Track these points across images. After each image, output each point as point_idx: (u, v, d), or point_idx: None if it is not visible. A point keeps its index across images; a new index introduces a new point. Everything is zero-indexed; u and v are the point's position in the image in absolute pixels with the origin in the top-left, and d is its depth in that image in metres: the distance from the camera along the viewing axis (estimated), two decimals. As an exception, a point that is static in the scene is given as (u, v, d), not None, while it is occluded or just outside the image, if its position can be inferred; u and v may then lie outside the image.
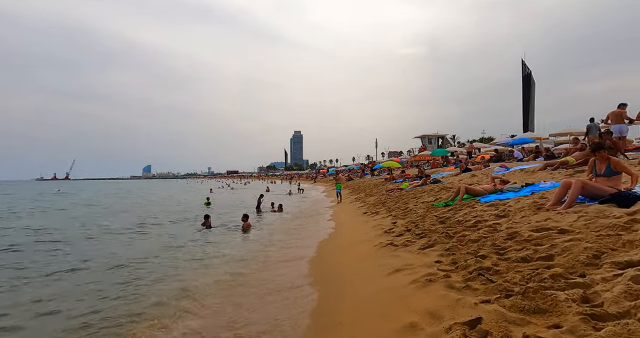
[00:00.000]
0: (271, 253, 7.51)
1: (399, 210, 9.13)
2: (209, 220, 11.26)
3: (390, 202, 11.39)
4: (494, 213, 5.64)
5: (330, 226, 10.23)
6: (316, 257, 6.60)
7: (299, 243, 8.28)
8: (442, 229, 5.56)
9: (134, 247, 8.87)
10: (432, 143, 44.43)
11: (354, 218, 10.46)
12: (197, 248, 8.42)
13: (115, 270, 6.46)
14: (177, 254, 7.74)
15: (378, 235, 6.70)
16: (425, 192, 11.31)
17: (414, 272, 3.96)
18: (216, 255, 7.50)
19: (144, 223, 13.12)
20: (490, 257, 3.67)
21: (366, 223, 8.83)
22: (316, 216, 13.66)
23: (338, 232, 8.90)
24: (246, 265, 6.58)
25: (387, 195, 13.92)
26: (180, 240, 9.42)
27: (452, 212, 6.81)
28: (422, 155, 38.40)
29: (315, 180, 61.61)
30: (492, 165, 15.58)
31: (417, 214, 7.67)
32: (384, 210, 10.00)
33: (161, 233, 10.82)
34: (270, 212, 16.04)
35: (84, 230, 11.60)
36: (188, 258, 7.34)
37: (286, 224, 12.16)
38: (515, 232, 4.28)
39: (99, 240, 9.86)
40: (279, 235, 9.68)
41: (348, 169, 60.68)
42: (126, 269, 6.50)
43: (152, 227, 12.14)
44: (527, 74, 78.53)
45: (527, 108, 76.70)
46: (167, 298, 4.84)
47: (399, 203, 10.33)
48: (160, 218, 14.59)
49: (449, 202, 7.94)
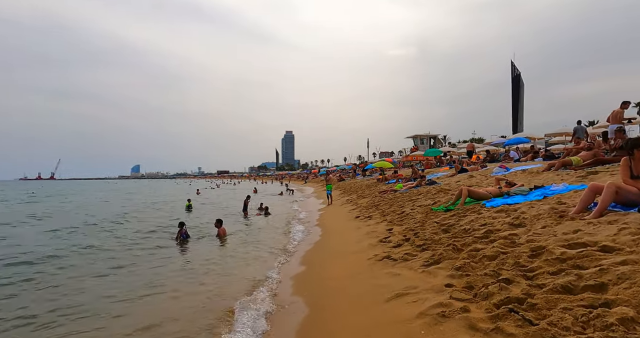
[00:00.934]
0: (237, 267, 6.52)
1: (394, 215, 8.35)
2: (183, 229, 9.94)
3: (384, 204, 10.61)
4: (506, 221, 4.88)
5: (317, 232, 9.39)
6: (298, 272, 5.76)
7: (279, 253, 7.43)
8: (447, 240, 4.78)
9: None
10: (424, 143, 43.97)
11: (344, 223, 9.65)
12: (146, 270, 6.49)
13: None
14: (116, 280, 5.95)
15: (372, 245, 5.89)
16: (422, 194, 10.57)
17: (421, 300, 3.16)
18: (163, 283, 5.62)
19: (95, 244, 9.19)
20: (517, 282, 2.89)
21: (358, 229, 8.02)
22: (303, 220, 12.80)
23: (326, 240, 8.07)
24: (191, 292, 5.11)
25: (381, 197, 13.15)
26: (127, 260, 7.38)
27: (455, 218, 6.05)
28: (414, 155, 37.87)
29: (306, 181, 60.73)
30: (489, 165, 14.94)
31: (415, 220, 6.90)
32: (378, 214, 9.21)
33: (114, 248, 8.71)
34: (256, 215, 15.15)
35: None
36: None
37: (269, 229, 11.25)
38: (540, 246, 3.51)
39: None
40: (255, 244, 8.66)
41: (339, 169, 59.94)
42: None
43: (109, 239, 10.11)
44: (516, 75, 79.05)
45: (517, 109, 77.20)
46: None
47: (394, 207, 9.55)
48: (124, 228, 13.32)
49: (449, 206, 7.19)
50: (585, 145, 10.83)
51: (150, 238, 9.85)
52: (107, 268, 6.64)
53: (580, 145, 11.12)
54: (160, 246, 8.75)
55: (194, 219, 14.04)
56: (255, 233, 10.46)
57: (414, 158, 37.96)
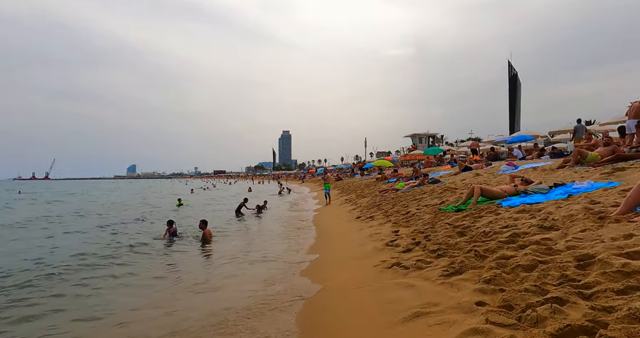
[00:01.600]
0: (210, 285, 5.35)
1: (398, 215, 7.73)
2: (172, 227, 9.35)
3: (387, 204, 9.99)
4: (533, 222, 4.27)
5: (314, 235, 8.70)
6: (292, 282, 5.12)
7: (268, 258, 6.78)
8: (465, 244, 4.16)
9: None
10: (423, 142, 43.44)
11: (345, 224, 9.02)
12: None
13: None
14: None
15: (377, 249, 5.27)
16: (426, 193, 9.96)
17: (447, 322, 2.53)
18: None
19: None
20: (572, 303, 2.27)
21: (360, 231, 7.40)
22: (299, 220, 12.13)
23: (325, 243, 7.41)
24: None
25: (382, 196, 12.54)
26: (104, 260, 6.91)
27: (469, 219, 5.43)
28: (413, 154, 37.31)
29: (303, 181, 60.07)
30: (494, 164, 14.37)
31: (423, 221, 6.28)
32: (381, 215, 8.60)
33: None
34: (252, 213, 14.51)
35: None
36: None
37: (261, 231, 10.56)
38: (587, 255, 2.90)
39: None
40: (242, 248, 7.90)
41: (337, 168, 59.31)
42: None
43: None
44: (513, 75, 78.78)
45: (514, 108, 76.96)
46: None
47: (397, 206, 8.94)
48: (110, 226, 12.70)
49: (460, 205, 6.58)
50: (597, 141, 10.28)
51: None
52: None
53: (592, 141, 10.57)
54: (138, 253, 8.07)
55: (184, 219, 13.35)
56: (245, 236, 9.76)
57: (412, 157, 37.42)
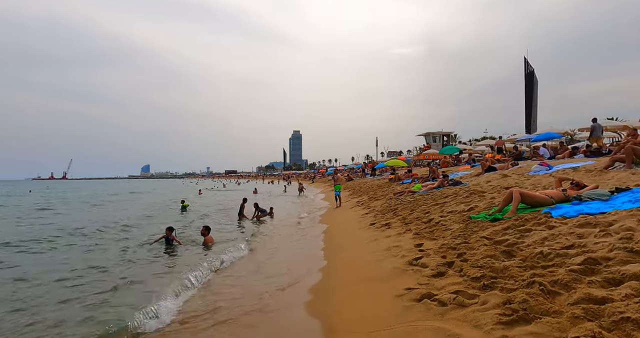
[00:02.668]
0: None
1: (419, 223, 6.69)
2: (172, 234, 8.61)
3: (404, 209, 8.95)
4: (611, 242, 3.21)
5: (321, 245, 7.61)
6: (286, 314, 4.15)
7: (258, 278, 5.82)
8: (518, 271, 3.13)
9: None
10: (437, 141, 42.15)
11: (356, 233, 8.00)
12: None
13: None
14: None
15: (399, 270, 4.26)
16: (448, 196, 8.88)
17: None
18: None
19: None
20: None
21: (375, 241, 6.39)
22: (306, 225, 11.12)
23: (333, 257, 6.36)
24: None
25: (397, 199, 11.49)
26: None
27: (512, 232, 4.38)
28: (426, 153, 35.96)
29: (313, 180, 59.17)
30: (522, 163, 13.14)
31: (452, 233, 5.23)
32: (398, 222, 7.57)
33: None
34: (257, 217, 13.58)
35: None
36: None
37: (261, 240, 9.47)
38: None
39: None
40: (240, 263, 6.97)
41: (347, 168, 58.21)
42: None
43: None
44: (529, 72, 76.16)
45: (530, 106, 74.42)
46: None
47: (417, 212, 7.88)
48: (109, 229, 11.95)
49: (495, 214, 5.50)
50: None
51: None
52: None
53: (639, 138, 9.29)
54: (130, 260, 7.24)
55: (183, 223, 12.55)
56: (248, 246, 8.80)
57: (426, 156, 36.09)
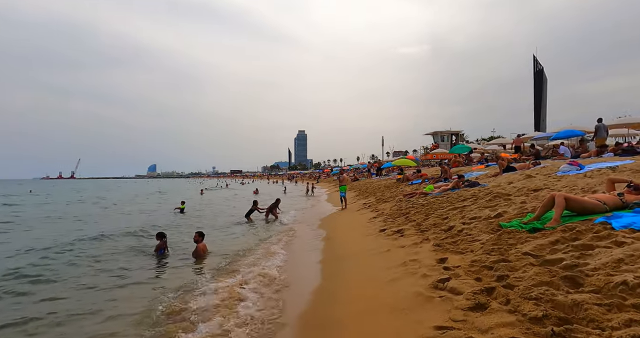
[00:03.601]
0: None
1: (438, 231, 5.79)
2: (163, 241, 7.82)
3: (417, 213, 8.03)
4: None
5: (314, 259, 6.54)
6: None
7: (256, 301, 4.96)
8: (602, 313, 2.23)
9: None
10: (445, 140, 40.97)
11: (364, 241, 7.09)
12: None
13: None
14: None
15: (424, 297, 3.35)
16: (467, 199, 7.95)
17: None
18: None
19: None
20: None
21: (387, 253, 5.49)
22: (307, 232, 10.20)
23: (335, 271, 5.42)
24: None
25: (407, 201, 10.57)
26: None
27: (566, 248, 3.46)
28: (435, 153, 34.84)
29: (317, 180, 58.29)
30: (545, 162, 12.13)
31: (482, 245, 4.32)
32: (412, 228, 6.66)
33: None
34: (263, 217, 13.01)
35: None
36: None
37: (259, 249, 8.20)
38: None
39: None
40: (227, 276, 5.92)
41: (353, 168, 57.21)
42: None
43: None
44: (538, 70, 74.51)
45: (539, 105, 72.71)
46: None
47: (433, 218, 6.97)
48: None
49: (534, 222, 4.57)
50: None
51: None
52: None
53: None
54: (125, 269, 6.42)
55: (176, 228, 11.69)
56: (239, 252, 7.74)
57: (434, 156, 35.02)
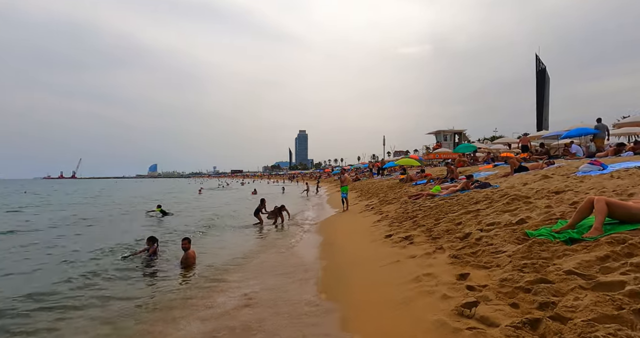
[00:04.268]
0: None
1: (453, 239, 5.14)
2: (154, 246, 7.24)
3: (426, 217, 7.39)
4: None
5: (312, 274, 5.76)
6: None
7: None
8: None
9: None
10: (448, 139, 40.24)
11: (369, 247, 6.43)
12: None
13: None
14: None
15: (449, 330, 2.71)
16: (480, 202, 7.31)
17: None
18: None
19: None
20: None
21: (396, 265, 4.84)
22: (299, 237, 9.53)
23: (335, 290, 4.78)
24: None
25: (413, 203, 9.93)
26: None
27: (622, 266, 2.81)
28: (438, 152, 34.15)
29: (318, 180, 57.64)
30: (558, 162, 11.46)
31: (508, 258, 3.67)
32: (422, 235, 6.01)
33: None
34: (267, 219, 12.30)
35: None
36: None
37: (249, 257, 7.43)
38: None
39: None
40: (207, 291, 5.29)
41: (354, 168, 56.53)
42: None
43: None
44: (541, 70, 73.71)
45: (542, 105, 71.92)
46: None
47: (444, 223, 6.31)
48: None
49: (568, 231, 3.92)
50: None
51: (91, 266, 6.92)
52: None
53: None
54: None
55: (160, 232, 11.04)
56: (228, 265, 6.74)
57: (436, 156, 34.33)
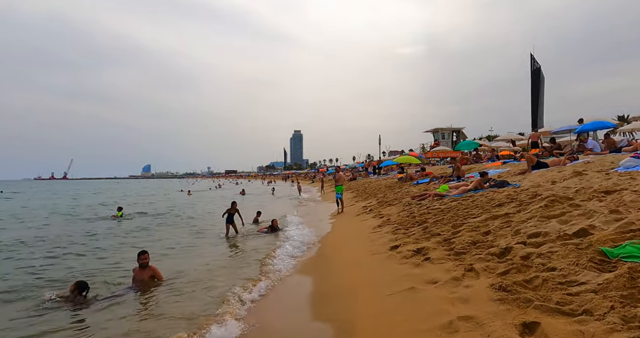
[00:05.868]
0: None
1: (483, 253, 3.75)
2: (83, 294, 4.83)
3: (438, 223, 6.00)
4: None
5: (301, 298, 4.52)
6: None
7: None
8: None
9: None
10: (446, 138, 39.11)
11: (371, 267, 4.98)
12: None
13: None
14: None
15: None
16: (503, 204, 5.97)
17: None
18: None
19: None
20: None
21: (412, 296, 3.44)
22: (285, 247, 8.05)
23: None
24: None
25: (418, 205, 8.57)
26: None
27: None
28: (436, 151, 32.90)
29: (313, 180, 56.25)
30: (582, 157, 10.15)
31: (599, 298, 2.30)
32: (439, 247, 4.62)
33: None
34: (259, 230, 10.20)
35: None
36: None
37: (220, 277, 5.74)
38: None
39: None
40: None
41: (350, 167, 55.18)
42: None
43: None
44: (536, 69, 73.14)
45: (536, 104, 71.42)
46: None
47: (466, 231, 4.93)
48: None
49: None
50: None
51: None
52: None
53: None
54: None
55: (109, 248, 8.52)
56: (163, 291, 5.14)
57: (434, 154, 33.09)
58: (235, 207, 10.16)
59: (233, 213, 10.03)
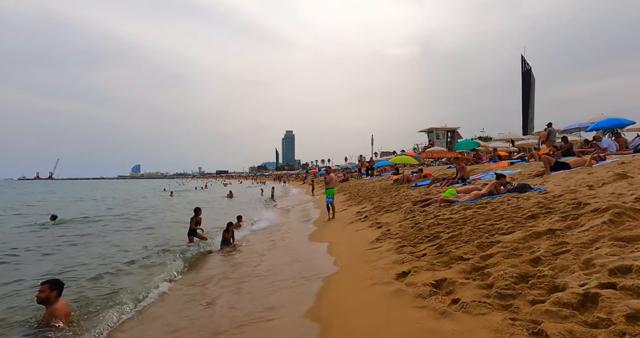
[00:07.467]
0: None
1: (545, 297, 2.40)
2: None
3: (455, 238, 4.65)
4: None
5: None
6: None
7: None
8: None
9: None
10: (440, 138, 38.03)
11: (374, 309, 3.53)
12: None
13: None
14: None
15: None
16: (537, 216, 4.66)
17: None
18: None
19: None
20: None
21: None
22: (263, 265, 6.71)
23: None
24: None
25: (422, 212, 7.24)
26: None
27: None
28: (431, 151, 31.77)
29: (304, 181, 54.85)
30: (607, 157, 8.96)
31: None
32: (469, 282, 3.26)
33: None
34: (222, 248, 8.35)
35: None
36: None
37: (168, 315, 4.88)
38: None
39: None
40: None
41: (342, 168, 53.86)
42: None
43: None
44: (526, 70, 72.92)
45: (527, 106, 71.15)
46: None
47: (501, 257, 3.59)
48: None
49: None
50: None
51: None
52: None
53: None
54: None
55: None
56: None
57: (430, 155, 31.97)
58: (199, 215, 8.77)
59: (196, 223, 8.65)
